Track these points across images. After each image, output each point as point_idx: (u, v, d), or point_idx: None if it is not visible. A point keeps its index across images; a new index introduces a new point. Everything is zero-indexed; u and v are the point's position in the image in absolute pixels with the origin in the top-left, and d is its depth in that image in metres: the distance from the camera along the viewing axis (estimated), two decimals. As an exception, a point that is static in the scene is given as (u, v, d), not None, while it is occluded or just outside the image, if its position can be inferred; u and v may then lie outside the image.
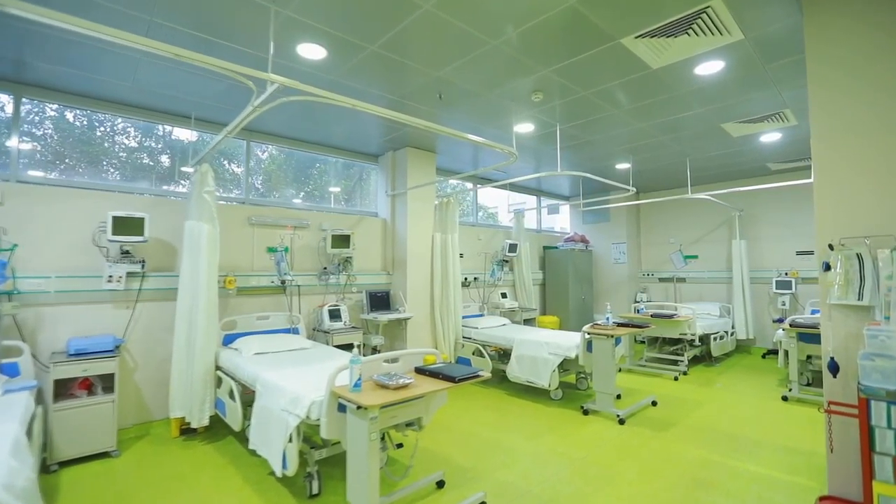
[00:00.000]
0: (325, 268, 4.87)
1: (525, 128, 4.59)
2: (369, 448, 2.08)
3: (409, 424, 2.68)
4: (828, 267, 2.27)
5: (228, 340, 3.95)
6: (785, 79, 3.49)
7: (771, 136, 4.95)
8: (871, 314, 2.15)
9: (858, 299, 2.16)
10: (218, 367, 3.60)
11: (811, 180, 4.95)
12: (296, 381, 2.74)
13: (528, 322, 6.62)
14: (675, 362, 5.87)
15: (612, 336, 3.98)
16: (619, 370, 5.78)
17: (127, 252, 3.61)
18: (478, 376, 2.49)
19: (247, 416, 3.09)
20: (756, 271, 6.92)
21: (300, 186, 5.23)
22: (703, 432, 3.66)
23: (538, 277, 7.64)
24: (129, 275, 3.62)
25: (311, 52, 3.00)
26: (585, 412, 4.12)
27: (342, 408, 2.30)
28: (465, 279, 6.30)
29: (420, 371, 2.61)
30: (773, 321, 6.64)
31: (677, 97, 3.83)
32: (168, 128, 4.26)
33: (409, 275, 5.25)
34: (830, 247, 2.27)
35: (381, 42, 2.91)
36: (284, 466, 2.45)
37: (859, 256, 2.18)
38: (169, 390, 3.51)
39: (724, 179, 7.11)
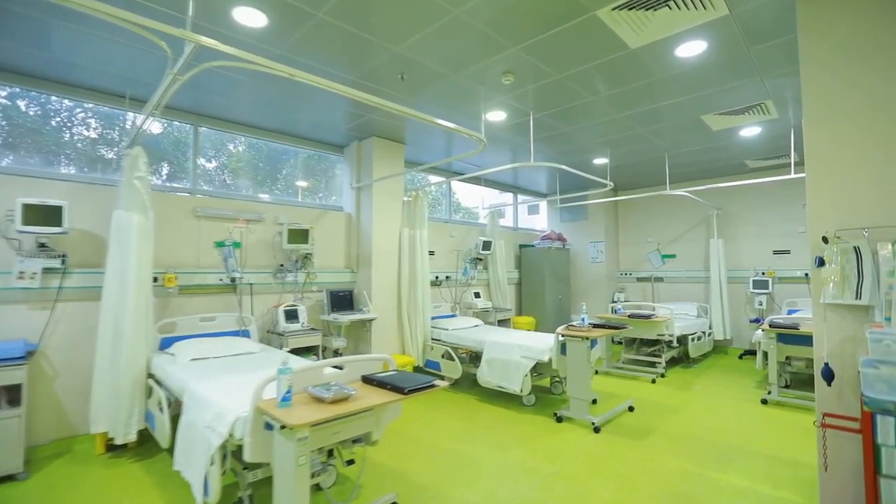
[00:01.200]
0: (282, 265, 4.49)
1: (497, 116, 4.30)
2: (296, 474, 1.74)
3: (356, 441, 2.36)
4: (822, 262, 2.04)
5: (166, 344, 3.54)
6: (769, 65, 3.28)
7: (750, 131, 4.79)
8: (870, 315, 1.92)
9: (856, 298, 1.93)
10: (150, 375, 3.19)
11: (791, 176, 4.84)
12: (226, 392, 2.38)
13: (502, 323, 6.35)
14: (652, 364, 5.67)
15: (588, 338, 3.72)
16: (596, 372, 5.55)
17: (44, 245, 3.18)
18: (432, 386, 2.18)
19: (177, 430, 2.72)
20: (733, 271, 6.80)
21: (260, 178, 4.84)
22: (682, 440, 3.43)
23: (514, 277, 7.39)
24: (47, 271, 3.19)
25: (250, 17, 2.64)
26: (559, 419, 3.86)
27: (270, 426, 1.96)
28: (436, 278, 5.99)
29: (368, 380, 2.28)
30: (750, 321, 6.53)
31: (657, 83, 3.60)
32: (104, 108, 3.83)
33: (375, 273, 4.91)
34: (825, 240, 2.04)
35: (328, 6, 2.57)
36: (206, 493, 2.09)
37: (857, 250, 1.95)
38: (91, 401, 3.09)
39: (703, 177, 6.98)
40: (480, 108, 3.99)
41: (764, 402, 4.36)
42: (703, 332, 6.21)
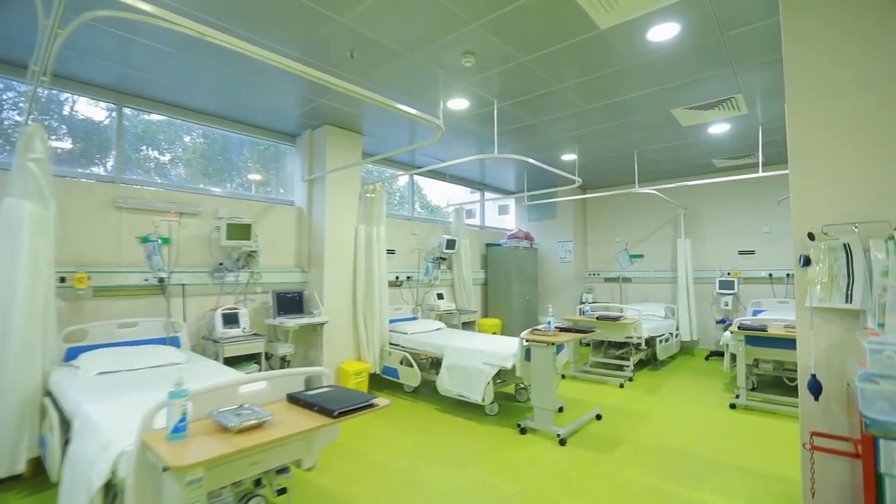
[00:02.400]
0: (221, 264, 4.04)
1: (459, 104, 4.00)
2: (185, 529, 1.37)
3: (281, 471, 2.00)
4: (807, 261, 1.82)
5: (73, 356, 3.06)
6: (742, 54, 3.11)
7: (719, 128, 4.67)
8: (861, 320, 1.71)
9: (846, 301, 1.71)
10: (48, 393, 2.72)
11: (759, 174, 4.75)
12: (122, 416, 1.97)
13: (467, 325, 6.06)
14: (620, 367, 5.50)
15: (553, 343, 3.47)
16: (563, 377, 5.33)
17: (-86, 238, 2.66)
18: (370, 406, 1.84)
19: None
20: (699, 271, 6.75)
21: (211, 171, 4.36)
22: (651, 452, 3.21)
23: (480, 277, 7.11)
24: (-82, 269, 2.67)
25: (161, -31, 2.24)
26: (523, 431, 3.59)
27: (162, 462, 1.58)
28: (397, 278, 5.64)
29: (293, 400, 1.93)
30: (716, 322, 6.48)
31: (627, 72, 3.38)
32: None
33: (328, 273, 4.53)
34: (810, 236, 1.82)
35: (255, -39, 2.20)
36: (85, 546, 1.69)
37: (847, 248, 1.73)
38: (-29, 425, 2.59)
39: (670, 177, 6.90)
40: (440, 94, 3.68)
41: (732, 406, 4.23)
42: (671, 334, 6.11)
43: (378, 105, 2.65)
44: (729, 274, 6.50)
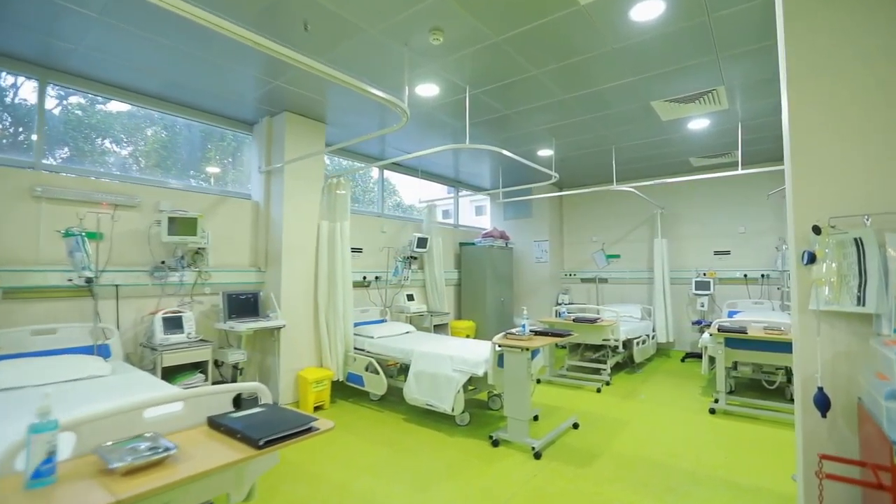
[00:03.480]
0: (164, 262, 3.64)
1: (429, 90, 3.71)
2: None
3: (203, 509, 1.65)
4: (812, 258, 1.60)
5: (-26, 367, 2.62)
6: (728, 40, 2.92)
7: (699, 123, 4.52)
8: (875, 325, 1.50)
9: (858, 304, 1.50)
10: (-65, 413, 2.29)
11: (739, 172, 4.62)
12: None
13: (439, 328, 5.77)
14: (597, 371, 5.31)
15: (528, 349, 3.21)
16: (539, 381, 5.10)
17: None
18: (307, 431, 1.53)
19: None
20: (676, 272, 6.65)
21: (169, 164, 3.93)
22: (632, 465, 2.99)
23: (453, 277, 6.84)
24: None
25: None
26: (495, 443, 3.32)
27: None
28: (364, 278, 5.30)
29: (214, 425, 1.59)
30: (693, 323, 6.39)
31: (607, 56, 3.15)
32: None
33: (286, 272, 4.16)
34: (816, 230, 1.60)
35: None
36: None
37: (858, 243, 1.52)
38: None
39: (647, 176, 6.78)
40: (406, 76, 3.37)
41: (712, 411, 4.07)
42: (648, 336, 5.97)
43: (337, 83, 2.36)
44: (705, 274, 6.41)
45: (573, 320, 5.11)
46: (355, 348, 4.52)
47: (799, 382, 1.66)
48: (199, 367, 3.45)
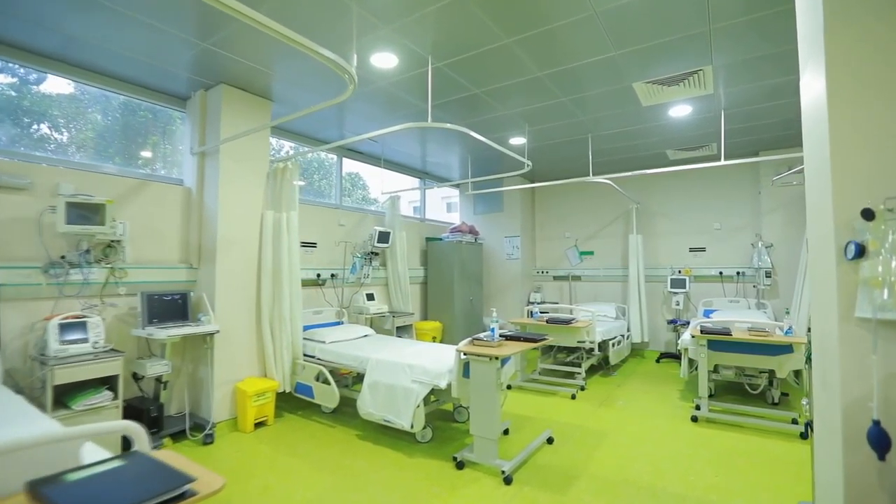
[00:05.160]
0: (63, 257, 3.02)
1: (386, 60, 3.23)
2: None
3: None
4: (860, 251, 1.23)
5: None
6: (724, 9, 2.57)
7: (681, 110, 4.22)
8: (949, 339, 1.13)
9: (927, 311, 1.13)
10: None
11: (722, 163, 4.33)
12: None
13: (402, 330, 5.30)
14: (571, 374, 4.98)
15: (497, 358, 2.79)
16: (509, 387, 4.72)
17: None
18: (177, 500, 1.05)
19: None
20: (651, 269, 6.41)
21: (101, 147, 3.29)
22: (614, 488, 2.62)
23: (418, 275, 6.38)
24: None
25: None
26: (460, 465, 2.89)
27: None
28: (318, 276, 4.78)
29: (36, 495, 1.08)
30: (668, 322, 6.16)
31: (588, 23, 2.75)
32: None
33: (221, 269, 3.61)
34: (867, 214, 1.23)
35: None
36: None
37: (926, 230, 1.15)
38: None
39: (623, 169, 6.49)
40: (354, 35, 2.89)
41: (694, 419, 3.78)
42: (623, 336, 5.69)
43: (273, 37, 1.85)
44: (680, 272, 6.20)
45: (546, 321, 4.75)
46: (305, 355, 4.01)
47: (838, 410, 1.29)
48: (106, 383, 2.87)
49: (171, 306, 3.41)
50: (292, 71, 3.45)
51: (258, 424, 3.63)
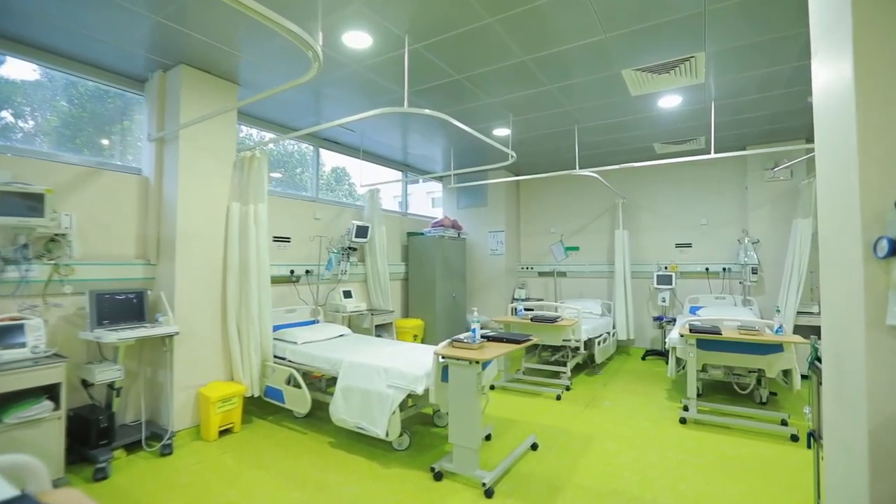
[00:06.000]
0: (-1, 252, 2.72)
1: (359, 39, 2.99)
2: None
3: None
4: (894, 248, 1.06)
5: None
6: (720, -18, 2.40)
7: (670, 100, 4.06)
8: None
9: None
10: None
11: (711, 156, 4.18)
12: None
13: (382, 328, 5.08)
14: (556, 374, 4.83)
15: (478, 361, 2.60)
16: (492, 387, 4.55)
17: None
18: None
19: None
20: (637, 265, 6.30)
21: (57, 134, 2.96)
22: (600, 501, 2.46)
23: (399, 271, 6.16)
24: None
25: None
26: (438, 476, 2.69)
27: None
28: (292, 272, 4.53)
29: None
30: (654, 319, 6.05)
31: (578, 1, 2.56)
32: None
33: (182, 265, 3.34)
34: (902, 204, 1.06)
35: None
36: None
37: (973, 224, 0.98)
38: None
39: (608, 163, 6.34)
40: (321, 15, 2.64)
41: (682, 420, 3.65)
42: (608, 333, 5.56)
43: (227, 3, 1.60)
44: (666, 268, 6.09)
45: (531, 320, 4.58)
46: (275, 357, 3.77)
47: (863, 431, 1.13)
48: (48, 391, 2.60)
49: (124, 306, 3.14)
50: (257, 51, 3.18)
51: (223, 432, 3.38)
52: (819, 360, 1.99)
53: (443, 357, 2.72)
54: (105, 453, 2.76)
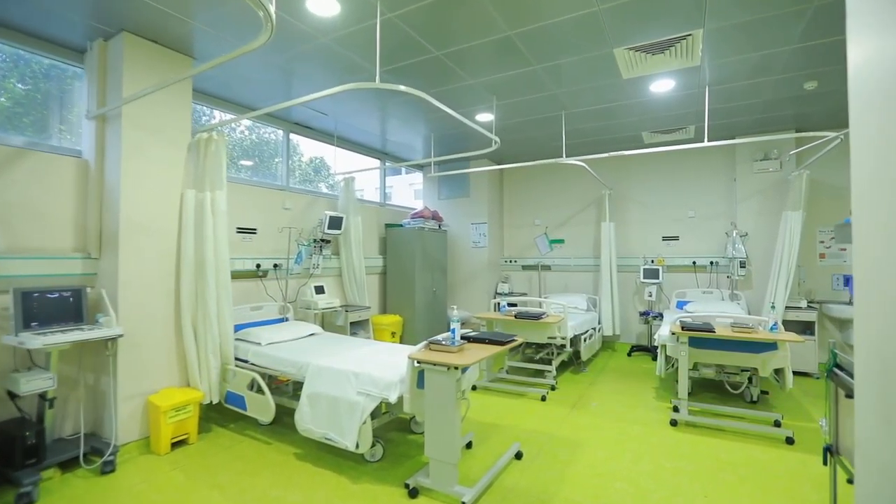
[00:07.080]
0: None
1: (325, 6, 2.66)
2: None
3: None
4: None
5: None
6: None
7: (662, 84, 3.84)
8: None
9: None
10: None
11: (705, 144, 3.90)
12: None
13: (357, 326, 4.78)
14: (541, 373, 4.61)
15: (457, 367, 2.33)
16: (474, 388, 4.30)
17: None
18: None
19: None
20: (623, 258, 6.12)
21: None
22: (592, 519, 2.24)
23: (377, 264, 5.85)
24: None
25: None
26: (413, 493, 2.43)
27: None
28: (258, 266, 4.19)
29: None
30: (640, 314, 5.89)
31: (568, -37, 2.28)
32: None
33: (126, 259, 2.98)
34: None
35: None
36: None
37: None
38: None
39: (597, 152, 6.13)
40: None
41: (673, 423, 3.47)
42: (594, 329, 5.37)
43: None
44: (653, 261, 5.93)
45: (515, 316, 4.34)
46: (237, 359, 3.44)
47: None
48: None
49: (58, 306, 2.77)
50: (209, 16, 2.81)
51: (177, 443, 3.06)
52: (839, 367, 1.79)
53: (418, 362, 2.45)
54: (31, 475, 2.41)
